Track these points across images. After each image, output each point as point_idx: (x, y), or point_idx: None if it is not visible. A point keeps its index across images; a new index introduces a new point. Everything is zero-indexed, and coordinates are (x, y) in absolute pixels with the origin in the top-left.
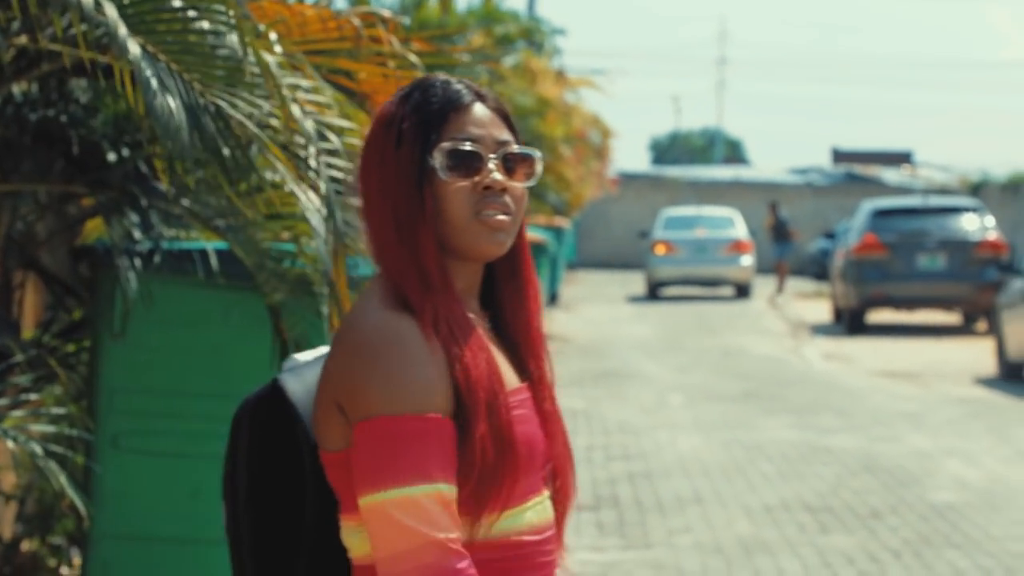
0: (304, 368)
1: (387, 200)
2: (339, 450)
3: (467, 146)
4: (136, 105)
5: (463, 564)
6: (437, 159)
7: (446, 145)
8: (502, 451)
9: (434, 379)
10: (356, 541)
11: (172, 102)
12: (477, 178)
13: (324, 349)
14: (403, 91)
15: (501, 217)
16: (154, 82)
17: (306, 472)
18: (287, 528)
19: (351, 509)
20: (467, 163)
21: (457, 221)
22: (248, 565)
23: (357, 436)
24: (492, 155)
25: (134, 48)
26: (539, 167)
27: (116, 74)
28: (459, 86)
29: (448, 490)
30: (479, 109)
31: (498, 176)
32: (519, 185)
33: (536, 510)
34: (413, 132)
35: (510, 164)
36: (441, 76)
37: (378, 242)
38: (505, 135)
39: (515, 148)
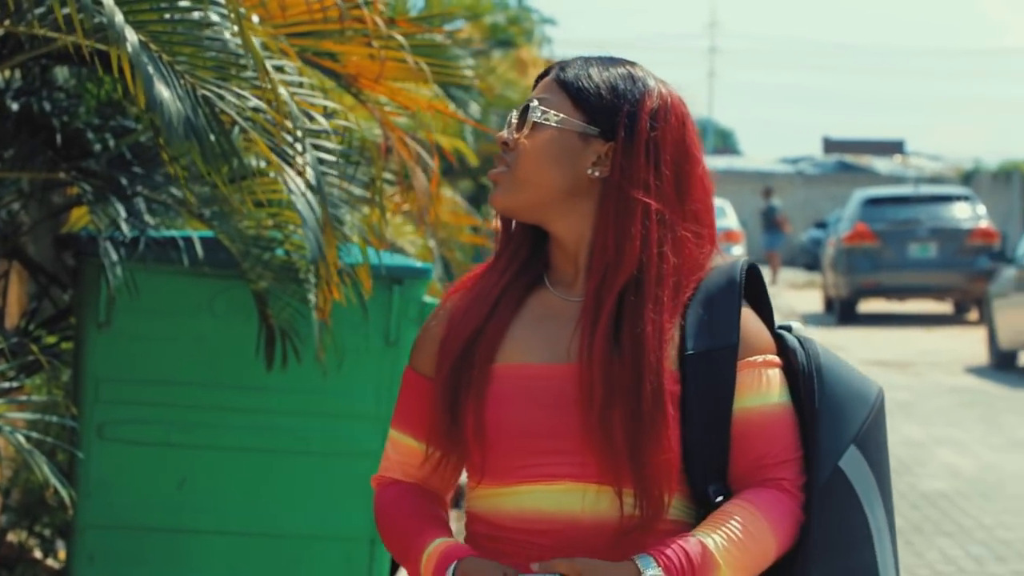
0: None
1: None
2: None
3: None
4: (136, 94)
5: (384, 492)
6: None
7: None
8: (469, 428)
9: (424, 338)
10: None
11: (165, 91)
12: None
13: None
14: None
15: (496, 171)
16: (150, 70)
17: None
18: None
19: None
20: (504, 126)
21: None
22: None
23: None
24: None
25: (131, 36)
26: (534, 116)
27: (113, 61)
28: (559, 62)
29: (398, 437)
30: (547, 80)
31: (501, 132)
32: (520, 139)
33: (534, 496)
34: None
35: (520, 121)
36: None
37: None
38: (544, 95)
39: (527, 105)
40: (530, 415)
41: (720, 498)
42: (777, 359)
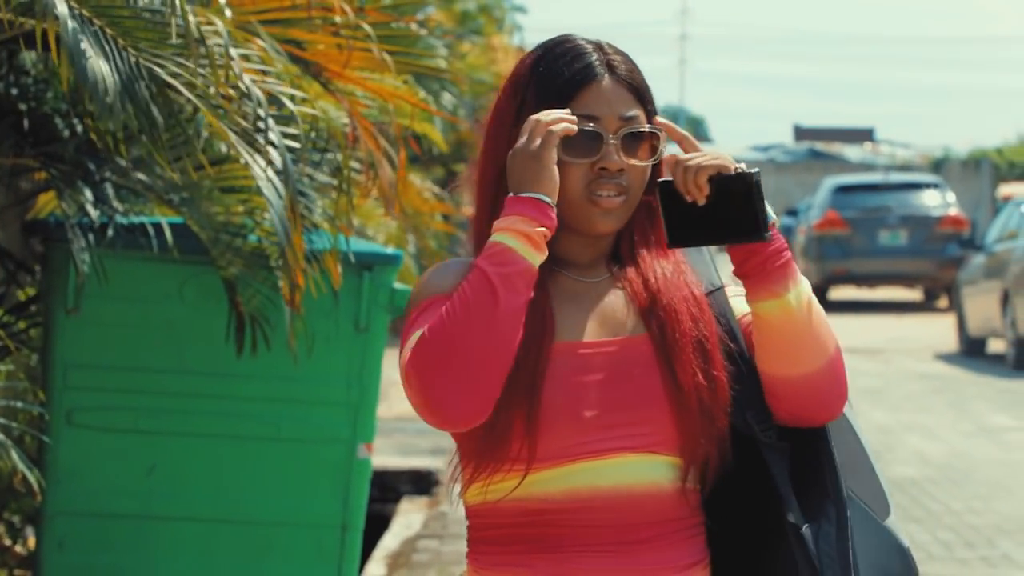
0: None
1: (495, 166)
2: None
3: (589, 126)
4: (59, 67)
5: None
6: None
7: None
8: (521, 413)
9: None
10: None
11: (103, 66)
12: (594, 159)
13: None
14: (535, 54)
15: (613, 198)
16: (84, 45)
17: None
18: None
19: None
20: (585, 144)
21: (571, 199)
22: None
23: None
24: (612, 134)
25: (61, 8)
26: (664, 144)
27: (37, 35)
28: (591, 57)
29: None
30: (607, 83)
31: (615, 157)
32: (639, 164)
33: (587, 473)
34: (536, 106)
35: (631, 143)
36: (573, 42)
37: (477, 200)
38: (632, 110)
39: (637, 127)
40: (582, 392)
41: (763, 426)
42: None
